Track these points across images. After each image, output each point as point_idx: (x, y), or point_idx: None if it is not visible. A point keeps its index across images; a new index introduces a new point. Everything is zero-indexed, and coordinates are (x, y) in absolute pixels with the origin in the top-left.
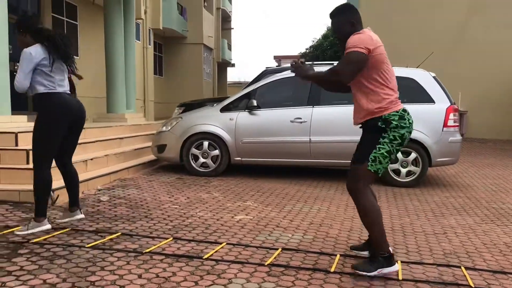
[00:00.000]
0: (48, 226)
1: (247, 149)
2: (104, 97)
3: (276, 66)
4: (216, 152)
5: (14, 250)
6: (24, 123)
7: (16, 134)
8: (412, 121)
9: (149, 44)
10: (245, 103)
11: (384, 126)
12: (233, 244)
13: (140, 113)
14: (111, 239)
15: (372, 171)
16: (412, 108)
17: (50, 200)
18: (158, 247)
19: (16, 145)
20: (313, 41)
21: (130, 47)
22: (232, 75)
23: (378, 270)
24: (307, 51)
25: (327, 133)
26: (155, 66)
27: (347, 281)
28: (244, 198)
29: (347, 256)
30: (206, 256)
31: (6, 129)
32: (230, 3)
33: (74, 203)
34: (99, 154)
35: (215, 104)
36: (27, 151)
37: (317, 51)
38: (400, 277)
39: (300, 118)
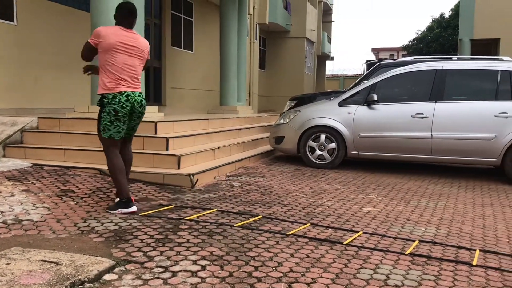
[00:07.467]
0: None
1: (365, 143)
2: (214, 90)
3: (391, 59)
4: (333, 145)
5: (176, 225)
6: (156, 113)
7: (155, 123)
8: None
9: (256, 39)
10: (363, 97)
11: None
12: (369, 233)
13: (248, 105)
14: (254, 221)
15: (106, 137)
16: None
17: (190, 183)
18: (299, 230)
19: (156, 133)
20: (417, 33)
21: (242, 42)
22: (327, 67)
23: (118, 210)
24: (410, 43)
25: (450, 129)
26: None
27: (494, 275)
28: (366, 191)
29: (487, 252)
30: (346, 242)
31: (145, 118)
32: None
33: None
34: (223, 144)
35: (332, 98)
36: (166, 138)
37: (421, 44)
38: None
39: (422, 114)
